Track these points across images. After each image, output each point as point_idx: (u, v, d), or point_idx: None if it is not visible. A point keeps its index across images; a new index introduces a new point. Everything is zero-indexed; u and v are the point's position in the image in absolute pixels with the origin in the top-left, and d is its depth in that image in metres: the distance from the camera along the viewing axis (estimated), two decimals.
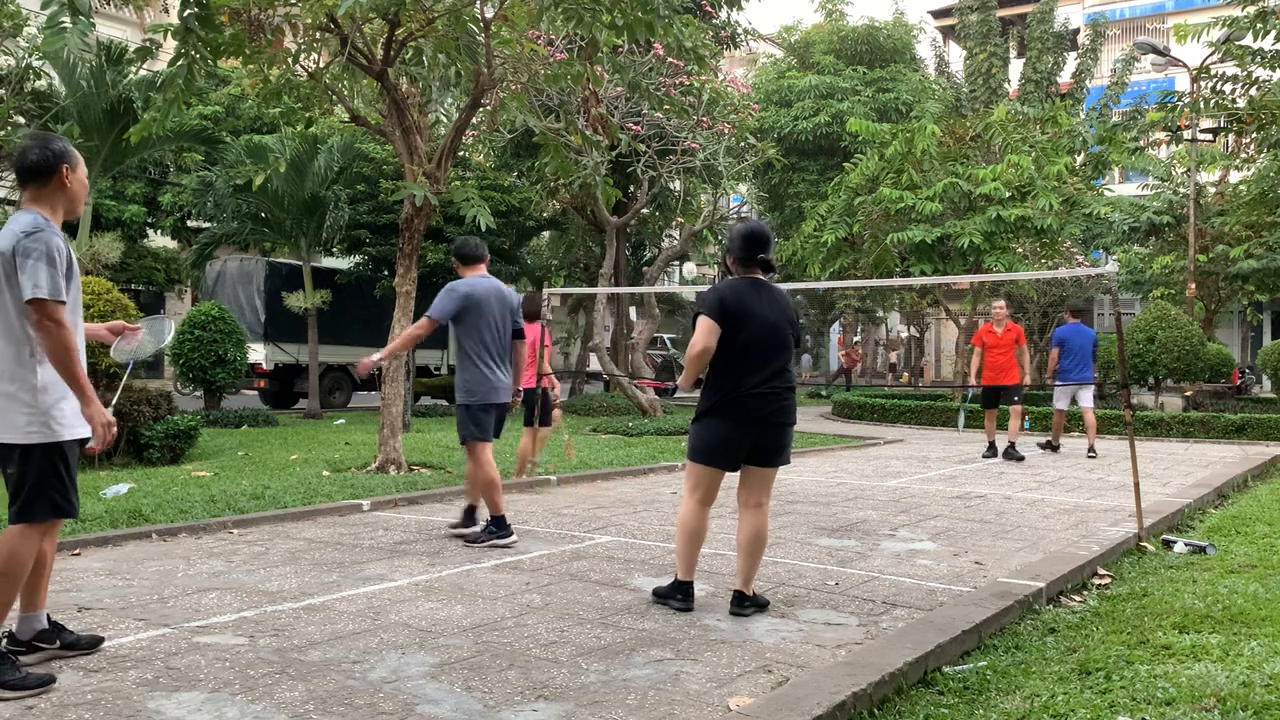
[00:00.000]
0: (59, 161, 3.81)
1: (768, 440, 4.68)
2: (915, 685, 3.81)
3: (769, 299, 4.70)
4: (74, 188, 3.87)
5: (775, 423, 4.66)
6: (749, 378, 4.59)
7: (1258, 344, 30.90)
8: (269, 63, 9.11)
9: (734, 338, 4.58)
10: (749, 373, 4.60)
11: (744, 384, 4.59)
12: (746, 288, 4.68)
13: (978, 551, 6.35)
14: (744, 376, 4.59)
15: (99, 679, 3.70)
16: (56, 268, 3.63)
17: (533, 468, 9.49)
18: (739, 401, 4.60)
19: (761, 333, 4.62)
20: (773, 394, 4.63)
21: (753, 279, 4.72)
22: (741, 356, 4.60)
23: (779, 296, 4.77)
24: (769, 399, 4.62)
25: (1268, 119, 14.30)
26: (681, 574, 4.80)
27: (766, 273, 4.74)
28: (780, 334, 4.67)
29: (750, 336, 4.59)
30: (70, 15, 6.43)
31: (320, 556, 5.96)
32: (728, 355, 4.61)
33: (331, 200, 17.49)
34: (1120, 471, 10.42)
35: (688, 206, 20.90)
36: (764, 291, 4.71)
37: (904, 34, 29.75)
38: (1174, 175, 23.56)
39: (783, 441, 4.74)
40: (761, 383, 4.61)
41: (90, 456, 9.32)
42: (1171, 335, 17.44)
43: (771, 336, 4.64)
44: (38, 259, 3.59)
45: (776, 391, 4.64)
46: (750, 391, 4.59)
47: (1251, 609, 4.77)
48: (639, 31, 8.09)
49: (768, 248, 4.75)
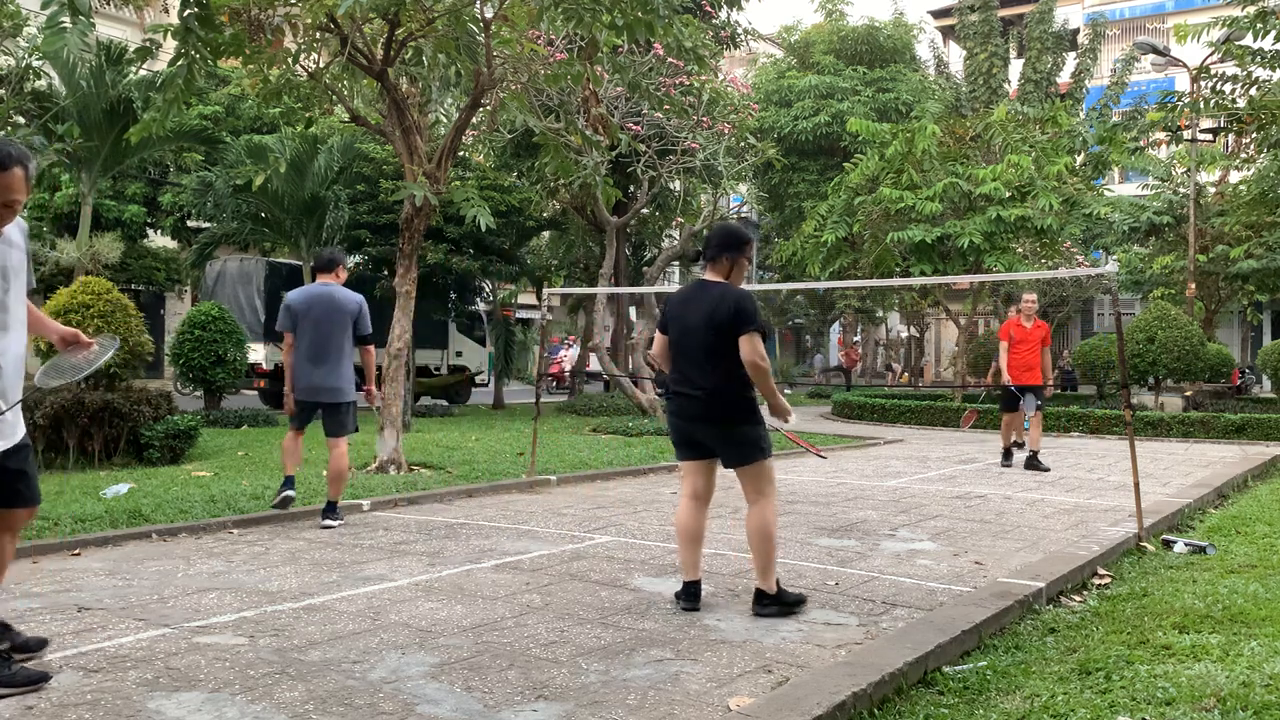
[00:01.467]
0: None
1: (707, 438, 4.76)
2: (915, 685, 3.81)
3: (697, 301, 4.75)
4: None
5: (696, 422, 4.74)
6: (672, 376, 4.85)
7: (1258, 344, 30.90)
8: (269, 63, 9.11)
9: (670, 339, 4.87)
10: (672, 372, 4.86)
11: (670, 382, 4.87)
12: (688, 291, 4.87)
13: (978, 551, 6.35)
14: (670, 375, 4.87)
15: (99, 679, 3.70)
16: None
17: None
18: (668, 396, 4.91)
19: (679, 334, 4.78)
20: (684, 395, 4.75)
21: (699, 280, 4.88)
22: (672, 357, 4.86)
23: (709, 296, 4.71)
24: (682, 399, 4.77)
25: (1268, 119, 14.30)
26: (683, 574, 4.85)
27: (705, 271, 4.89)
28: (694, 336, 4.69)
29: (673, 338, 4.83)
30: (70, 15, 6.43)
31: (320, 556, 5.96)
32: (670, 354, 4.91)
33: (331, 200, 17.48)
34: (1120, 471, 10.42)
35: (688, 206, 20.89)
36: (701, 293, 4.77)
37: (904, 34, 29.76)
38: (1174, 175, 23.56)
39: (722, 440, 4.73)
40: (677, 382, 4.81)
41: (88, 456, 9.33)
42: (1171, 335, 17.44)
43: (686, 338, 4.74)
44: None
45: (687, 393, 4.73)
46: (671, 390, 4.85)
47: (1251, 609, 4.77)
48: (639, 31, 8.09)
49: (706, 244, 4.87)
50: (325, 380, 6.96)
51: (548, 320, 11.43)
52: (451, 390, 23.07)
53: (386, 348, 9.90)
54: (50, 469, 9.37)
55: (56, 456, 9.57)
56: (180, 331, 14.56)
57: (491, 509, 7.89)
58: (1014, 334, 11.25)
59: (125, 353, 9.97)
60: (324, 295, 7.04)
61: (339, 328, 6.98)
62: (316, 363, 6.96)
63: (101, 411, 9.58)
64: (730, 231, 4.89)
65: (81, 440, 9.59)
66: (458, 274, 19.26)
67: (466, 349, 24.21)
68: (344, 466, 7.07)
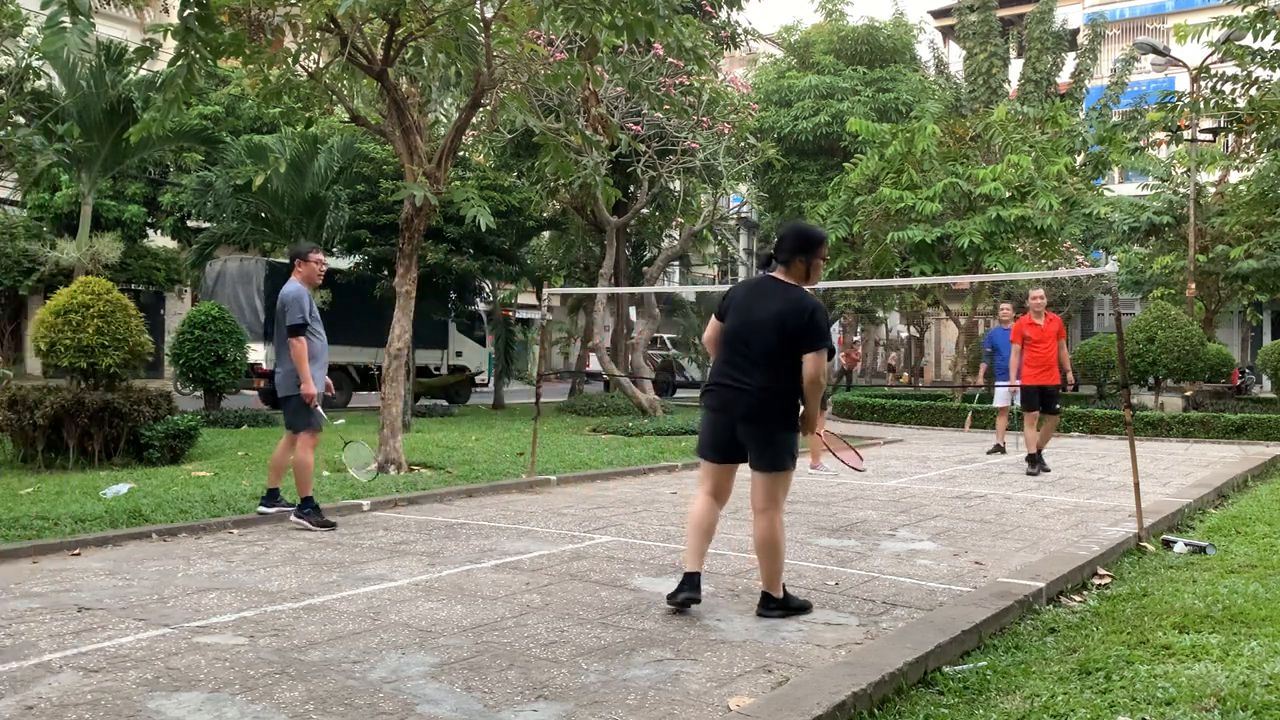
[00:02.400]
0: None
1: (745, 436, 4.66)
2: (915, 685, 3.81)
3: (767, 299, 4.66)
4: None
5: (738, 418, 4.63)
6: (719, 368, 4.73)
7: (1258, 344, 30.90)
8: (269, 63, 9.11)
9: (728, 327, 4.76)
10: (720, 363, 4.74)
11: (715, 374, 4.76)
12: (757, 285, 4.78)
13: (978, 551, 6.35)
14: (717, 366, 4.75)
15: (99, 679, 3.70)
16: None
17: None
18: (707, 390, 4.80)
19: (740, 325, 4.67)
20: (732, 388, 4.64)
21: (767, 277, 4.78)
22: (724, 346, 4.73)
23: (783, 298, 4.63)
24: (727, 392, 4.67)
25: (1268, 119, 14.30)
26: (686, 563, 4.81)
27: (766, 268, 4.79)
28: (758, 333, 4.59)
29: (732, 326, 4.71)
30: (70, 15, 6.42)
31: (320, 556, 5.96)
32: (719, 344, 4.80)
33: (331, 200, 17.48)
34: (1120, 471, 10.42)
35: (688, 206, 20.89)
36: (773, 292, 4.68)
37: (904, 34, 29.74)
38: (1174, 175, 23.56)
39: (761, 441, 4.62)
40: (723, 374, 4.69)
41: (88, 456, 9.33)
42: (1171, 335, 17.44)
43: (746, 331, 4.63)
44: None
45: (735, 387, 4.63)
46: (715, 382, 4.74)
47: (1251, 609, 4.77)
48: (639, 31, 8.09)
49: (776, 246, 4.80)
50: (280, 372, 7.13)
51: (548, 320, 11.43)
52: (451, 390, 23.07)
53: (386, 348, 9.92)
54: (50, 469, 9.37)
55: (56, 456, 9.57)
56: (180, 331, 14.56)
57: (491, 509, 7.89)
58: (1028, 334, 10.91)
59: (126, 353, 9.97)
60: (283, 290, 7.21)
61: (279, 323, 7.11)
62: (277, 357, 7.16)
63: (101, 411, 9.58)
64: (805, 233, 4.82)
65: (81, 440, 9.59)
66: (458, 274, 19.26)
67: (466, 349, 24.21)
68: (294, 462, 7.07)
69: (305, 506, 6.95)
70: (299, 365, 6.96)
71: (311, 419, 7.05)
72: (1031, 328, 10.91)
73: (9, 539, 6.03)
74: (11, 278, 22.89)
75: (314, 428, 7.08)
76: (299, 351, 6.94)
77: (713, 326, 4.85)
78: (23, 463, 9.58)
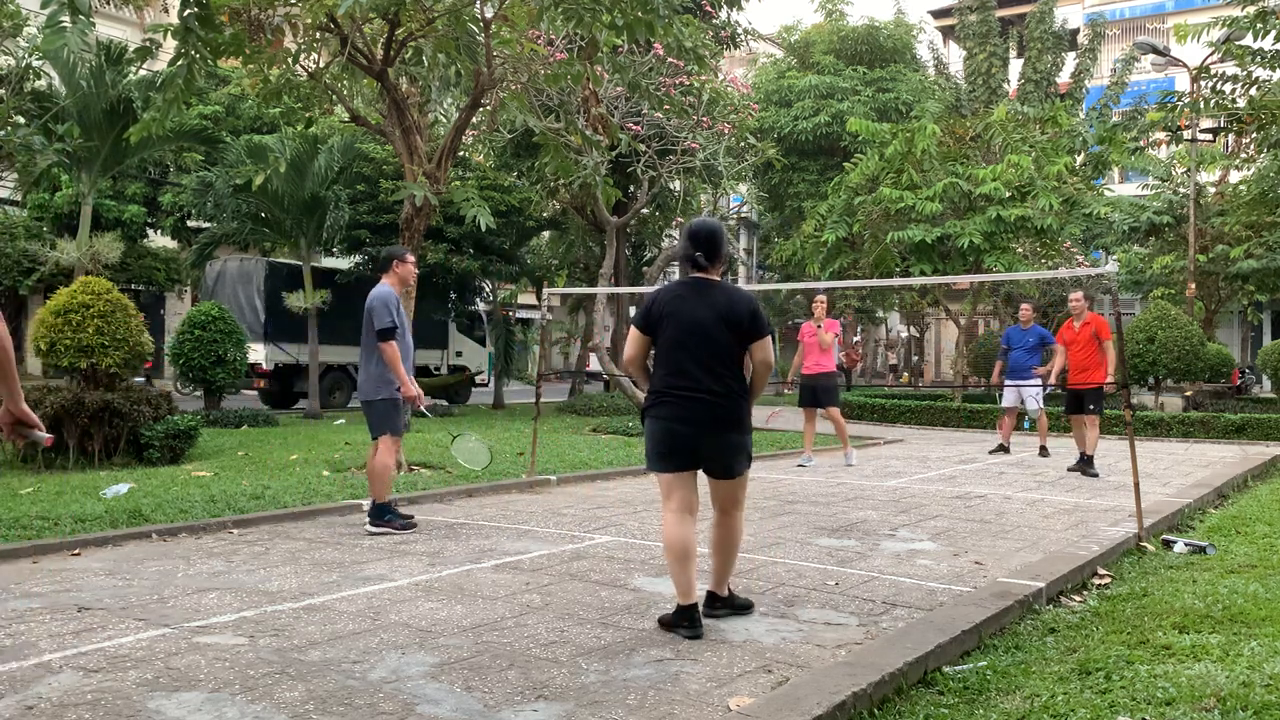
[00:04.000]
0: None
1: (708, 446, 4.42)
2: (915, 685, 3.81)
3: (701, 301, 4.44)
4: None
5: (701, 427, 4.39)
6: (669, 379, 4.44)
7: (1258, 344, 30.91)
8: (269, 63, 9.12)
9: (658, 339, 4.49)
10: (666, 375, 4.46)
11: (665, 385, 4.46)
12: (682, 289, 4.51)
13: (978, 551, 6.35)
14: (665, 378, 4.46)
15: (99, 679, 3.70)
16: None
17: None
18: (657, 402, 4.49)
19: (681, 334, 4.40)
20: (689, 398, 4.39)
21: (693, 279, 4.53)
22: (666, 358, 4.46)
23: (719, 297, 4.44)
24: (685, 403, 4.40)
25: (1268, 119, 14.30)
26: (680, 598, 4.37)
27: (696, 270, 4.51)
28: (704, 337, 4.37)
29: (672, 337, 4.42)
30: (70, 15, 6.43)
31: (320, 556, 5.96)
32: (656, 356, 4.54)
33: (331, 200, 17.49)
34: (1120, 471, 10.42)
35: (688, 206, 20.89)
36: (706, 293, 4.46)
37: (904, 34, 29.75)
38: (1174, 175, 23.58)
39: (725, 448, 4.42)
40: (675, 385, 4.41)
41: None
42: (1171, 335, 17.44)
43: (692, 338, 4.39)
44: None
45: (693, 396, 4.38)
46: (668, 393, 4.44)
47: (1251, 609, 4.77)
48: (639, 31, 8.10)
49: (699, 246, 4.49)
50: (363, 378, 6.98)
51: (548, 320, 11.44)
52: (451, 390, 23.09)
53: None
54: (50, 469, 9.38)
55: (56, 456, 9.57)
56: (180, 331, 14.56)
57: (491, 509, 7.89)
58: (1066, 337, 10.93)
59: (126, 353, 9.97)
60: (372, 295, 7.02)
61: (367, 327, 6.88)
62: (364, 361, 6.98)
63: (101, 411, 9.58)
64: (721, 231, 4.60)
65: (81, 440, 9.59)
66: (458, 274, 19.27)
67: (466, 349, 24.23)
68: (374, 466, 6.86)
69: (384, 512, 6.81)
70: (394, 368, 6.78)
71: (397, 423, 6.90)
72: (1069, 331, 10.92)
73: (9, 539, 6.03)
74: (11, 278, 22.90)
75: (398, 432, 6.94)
76: (391, 355, 6.76)
77: (638, 341, 4.55)
78: (23, 463, 9.58)
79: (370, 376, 6.85)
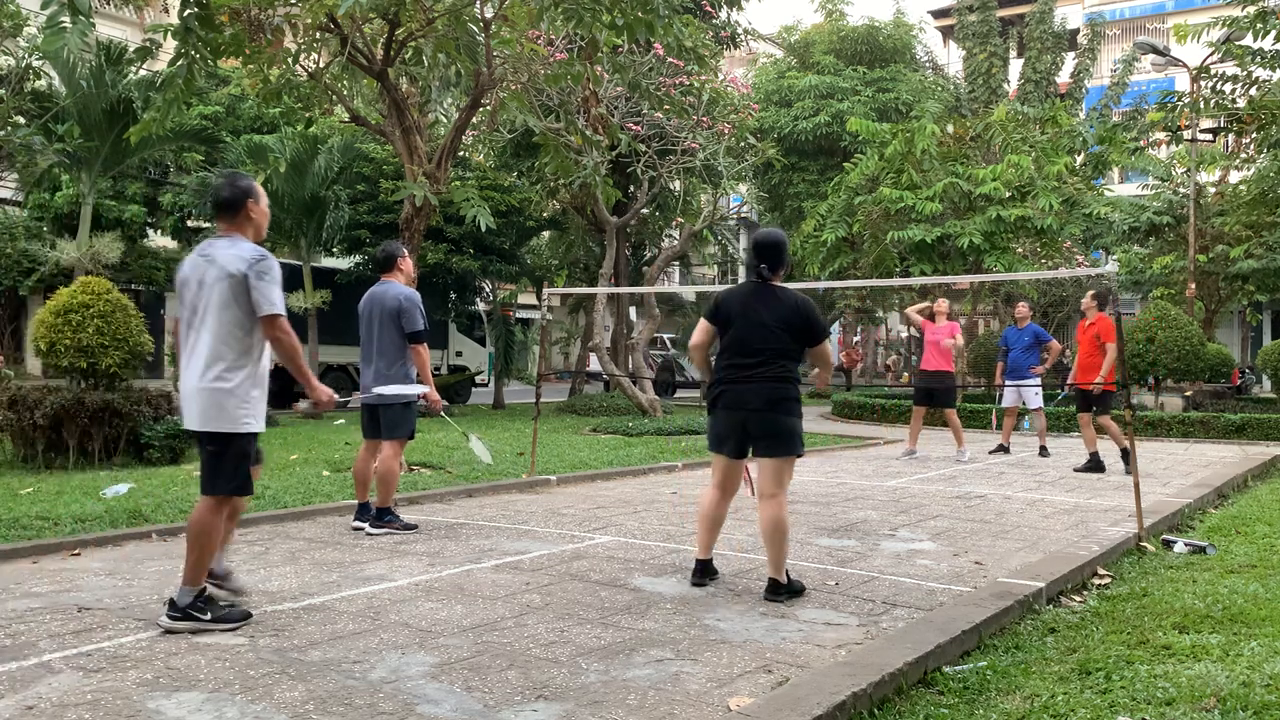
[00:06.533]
0: (245, 197, 4.49)
1: (762, 427, 4.96)
2: (915, 685, 3.81)
3: (765, 302, 5.05)
4: (258, 218, 4.56)
5: (757, 411, 4.94)
6: (730, 371, 5.04)
7: (1258, 344, 30.90)
8: (269, 63, 9.12)
9: (723, 334, 5.11)
10: (729, 365, 5.05)
11: (726, 375, 5.06)
12: (749, 290, 5.14)
13: (978, 551, 6.35)
14: (726, 369, 5.06)
15: (99, 679, 3.70)
16: (281, 287, 4.39)
17: None
18: (720, 389, 5.08)
19: (745, 329, 5.02)
20: (750, 383, 4.98)
21: (759, 283, 5.13)
22: (729, 349, 5.06)
23: (782, 302, 5.04)
24: (745, 387, 4.99)
25: (1268, 119, 14.30)
26: (698, 551, 5.27)
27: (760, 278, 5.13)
28: (765, 334, 4.97)
29: (737, 333, 5.03)
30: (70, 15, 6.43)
31: (320, 556, 5.96)
32: (720, 350, 5.14)
33: (331, 200, 17.48)
34: (1120, 471, 10.41)
35: (688, 206, 20.90)
36: (769, 296, 5.06)
37: (904, 34, 29.75)
38: (1174, 175, 23.57)
39: (777, 429, 4.96)
40: (736, 375, 5.02)
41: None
42: (1171, 335, 17.44)
43: (753, 333, 4.99)
44: (270, 281, 4.33)
45: (752, 381, 4.97)
46: (730, 380, 5.03)
47: (1251, 609, 4.77)
48: (639, 31, 8.10)
49: (762, 255, 5.09)
50: (369, 379, 6.79)
51: (548, 320, 11.44)
52: (451, 390, 23.09)
53: None
54: (50, 469, 9.38)
55: (56, 456, 9.57)
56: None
57: (491, 509, 7.89)
58: (1077, 335, 11.12)
59: (126, 353, 9.97)
60: (372, 294, 6.86)
61: (380, 327, 6.72)
62: (368, 361, 6.80)
63: (101, 411, 9.58)
64: (785, 243, 5.20)
65: (81, 440, 9.59)
66: (458, 274, 19.27)
67: (466, 349, 24.22)
68: (382, 470, 6.76)
69: (386, 514, 6.77)
70: (423, 371, 6.74)
71: (411, 426, 6.85)
72: (1080, 329, 11.07)
73: (9, 539, 6.03)
74: (11, 278, 22.89)
75: (411, 435, 6.90)
76: (424, 359, 6.76)
77: (705, 330, 5.19)
78: (23, 463, 9.58)
79: (394, 377, 6.69)
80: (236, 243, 4.42)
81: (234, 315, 4.33)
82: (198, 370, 4.35)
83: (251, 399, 4.42)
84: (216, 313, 4.33)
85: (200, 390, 4.35)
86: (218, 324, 4.34)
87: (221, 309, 4.33)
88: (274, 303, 4.33)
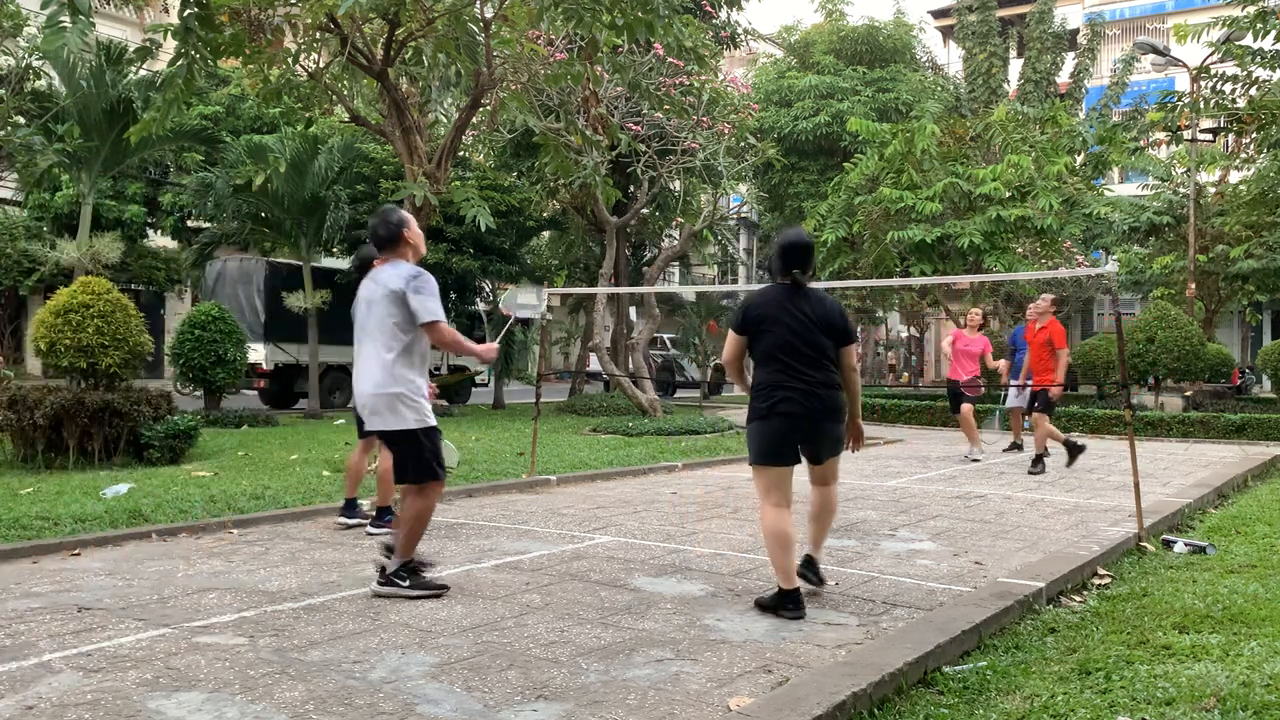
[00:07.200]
0: (400, 228, 5.10)
1: (820, 434, 4.89)
2: (915, 685, 3.81)
3: (803, 305, 4.88)
4: (415, 241, 5.17)
5: (818, 418, 4.83)
6: (780, 377, 4.85)
7: (1258, 344, 30.89)
8: (269, 63, 9.12)
9: (756, 342, 4.93)
10: (775, 372, 4.86)
11: (777, 381, 4.85)
12: (779, 294, 4.92)
13: (978, 551, 6.35)
14: (775, 375, 4.86)
15: (99, 679, 3.70)
16: (438, 298, 5.00)
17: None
18: (777, 397, 4.83)
19: (788, 335, 4.83)
20: (810, 391, 4.83)
21: (788, 285, 4.93)
22: (771, 357, 4.85)
23: (819, 303, 4.92)
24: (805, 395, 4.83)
25: (1268, 119, 14.30)
26: (783, 582, 4.74)
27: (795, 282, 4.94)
28: (809, 338, 4.83)
29: (779, 339, 4.84)
30: (70, 15, 6.43)
31: (320, 556, 5.96)
32: (759, 358, 4.93)
33: (331, 200, 17.48)
34: (1120, 471, 10.42)
35: (688, 206, 20.89)
36: (804, 298, 4.90)
37: (904, 34, 29.74)
38: (1174, 175, 23.56)
39: (835, 435, 4.95)
40: (791, 383, 4.83)
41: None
42: (1171, 335, 17.43)
43: (796, 338, 4.82)
44: (427, 294, 4.95)
45: (812, 389, 4.82)
46: (788, 388, 4.82)
47: (1251, 609, 4.77)
48: (639, 31, 8.10)
49: (793, 258, 4.91)
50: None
51: (548, 320, 11.43)
52: (451, 390, 23.08)
53: None
54: (50, 469, 9.37)
55: (56, 456, 9.57)
56: (180, 331, 14.55)
57: (491, 509, 7.89)
58: (1026, 337, 11.52)
59: (126, 353, 9.96)
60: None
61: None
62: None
63: (101, 411, 9.58)
64: (812, 245, 5.12)
65: (81, 440, 9.59)
66: (458, 274, 19.26)
67: None
68: (383, 469, 6.77)
69: (386, 514, 6.79)
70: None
71: None
72: (1029, 332, 11.41)
73: (9, 539, 6.04)
74: (11, 278, 22.90)
75: None
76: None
77: (736, 342, 4.98)
78: (23, 463, 9.58)
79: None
80: (397, 265, 5.05)
81: (395, 325, 4.93)
82: (371, 378, 4.96)
83: (419, 399, 4.99)
84: (380, 323, 4.95)
85: (374, 397, 4.94)
86: (381, 334, 4.95)
87: (384, 320, 4.94)
88: (432, 311, 4.94)
